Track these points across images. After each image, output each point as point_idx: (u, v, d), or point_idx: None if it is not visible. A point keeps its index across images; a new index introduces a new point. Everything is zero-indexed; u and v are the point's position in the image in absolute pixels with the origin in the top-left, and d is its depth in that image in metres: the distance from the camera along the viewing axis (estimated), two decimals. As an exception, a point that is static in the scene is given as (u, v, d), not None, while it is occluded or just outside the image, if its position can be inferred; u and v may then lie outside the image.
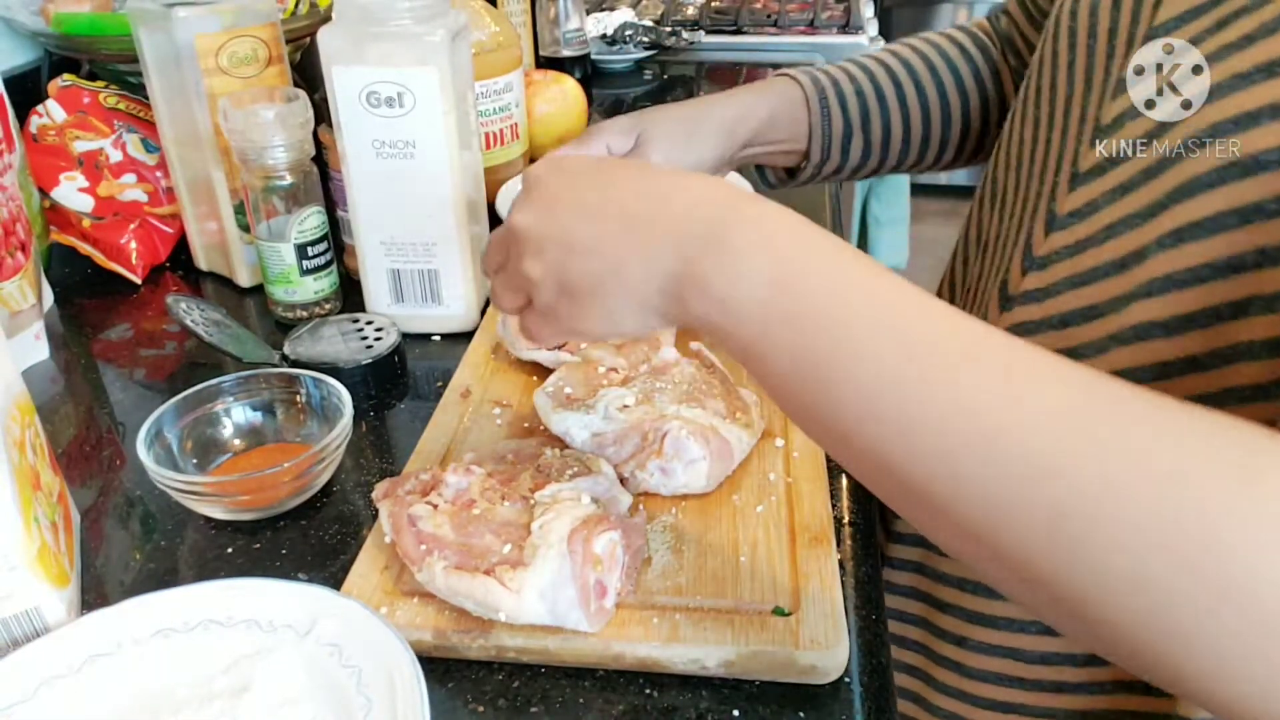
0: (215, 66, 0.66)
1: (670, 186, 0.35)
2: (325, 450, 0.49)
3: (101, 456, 0.57)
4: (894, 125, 0.63)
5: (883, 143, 0.64)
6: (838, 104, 0.63)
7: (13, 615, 0.40)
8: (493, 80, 0.85)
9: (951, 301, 0.58)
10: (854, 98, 0.63)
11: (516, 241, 0.37)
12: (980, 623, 0.51)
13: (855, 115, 0.63)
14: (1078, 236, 0.42)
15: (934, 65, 0.64)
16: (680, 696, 0.39)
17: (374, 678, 0.37)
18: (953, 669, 0.53)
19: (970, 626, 0.51)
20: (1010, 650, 0.50)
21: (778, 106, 0.62)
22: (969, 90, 0.64)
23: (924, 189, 2.90)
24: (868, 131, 0.63)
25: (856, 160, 0.64)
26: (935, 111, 0.64)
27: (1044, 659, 0.49)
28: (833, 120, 0.63)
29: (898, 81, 0.63)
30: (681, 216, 0.33)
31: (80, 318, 0.72)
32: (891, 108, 0.63)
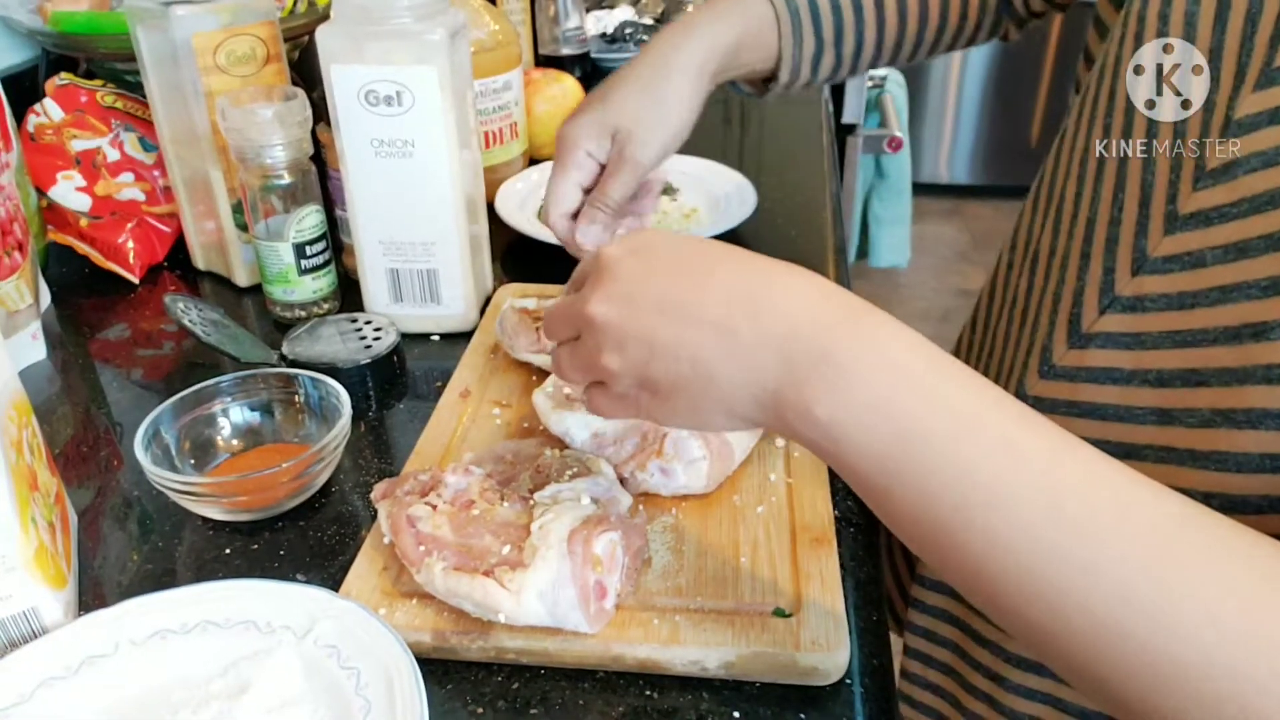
0: (213, 65, 0.66)
1: (767, 290, 0.32)
2: (324, 451, 0.49)
3: (99, 457, 0.57)
4: (867, 36, 0.61)
5: (854, 54, 0.62)
6: (811, 25, 0.60)
7: (10, 616, 0.40)
8: (492, 79, 0.84)
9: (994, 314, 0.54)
10: (829, 15, 0.60)
11: (593, 331, 0.35)
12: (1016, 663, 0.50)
13: (829, 34, 0.60)
14: (1180, 288, 0.38)
15: None
16: (680, 698, 0.39)
17: (372, 679, 0.37)
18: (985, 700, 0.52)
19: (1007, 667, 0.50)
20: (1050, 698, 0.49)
21: (744, 32, 0.59)
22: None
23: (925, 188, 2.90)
24: (840, 47, 0.61)
25: (826, 74, 0.63)
26: (914, 15, 0.61)
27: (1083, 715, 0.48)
28: (804, 43, 0.60)
29: None
30: (783, 333, 0.31)
31: (78, 317, 0.72)
32: (868, 18, 0.61)
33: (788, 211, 0.84)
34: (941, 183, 3.05)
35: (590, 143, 0.56)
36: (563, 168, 0.56)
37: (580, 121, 0.56)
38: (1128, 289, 0.40)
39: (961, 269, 2.67)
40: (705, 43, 0.57)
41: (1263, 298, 0.34)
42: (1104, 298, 0.41)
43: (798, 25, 0.60)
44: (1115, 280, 0.41)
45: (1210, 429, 0.37)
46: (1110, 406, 0.41)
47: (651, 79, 0.57)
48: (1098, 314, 0.42)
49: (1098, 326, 0.42)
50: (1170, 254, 0.38)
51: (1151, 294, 0.39)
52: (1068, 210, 0.46)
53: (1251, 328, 0.35)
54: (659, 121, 0.56)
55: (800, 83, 0.63)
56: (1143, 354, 0.40)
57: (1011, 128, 2.94)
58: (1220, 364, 0.36)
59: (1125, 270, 0.40)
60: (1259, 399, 0.35)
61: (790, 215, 0.84)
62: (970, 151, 3.02)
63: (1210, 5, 0.37)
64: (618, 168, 0.55)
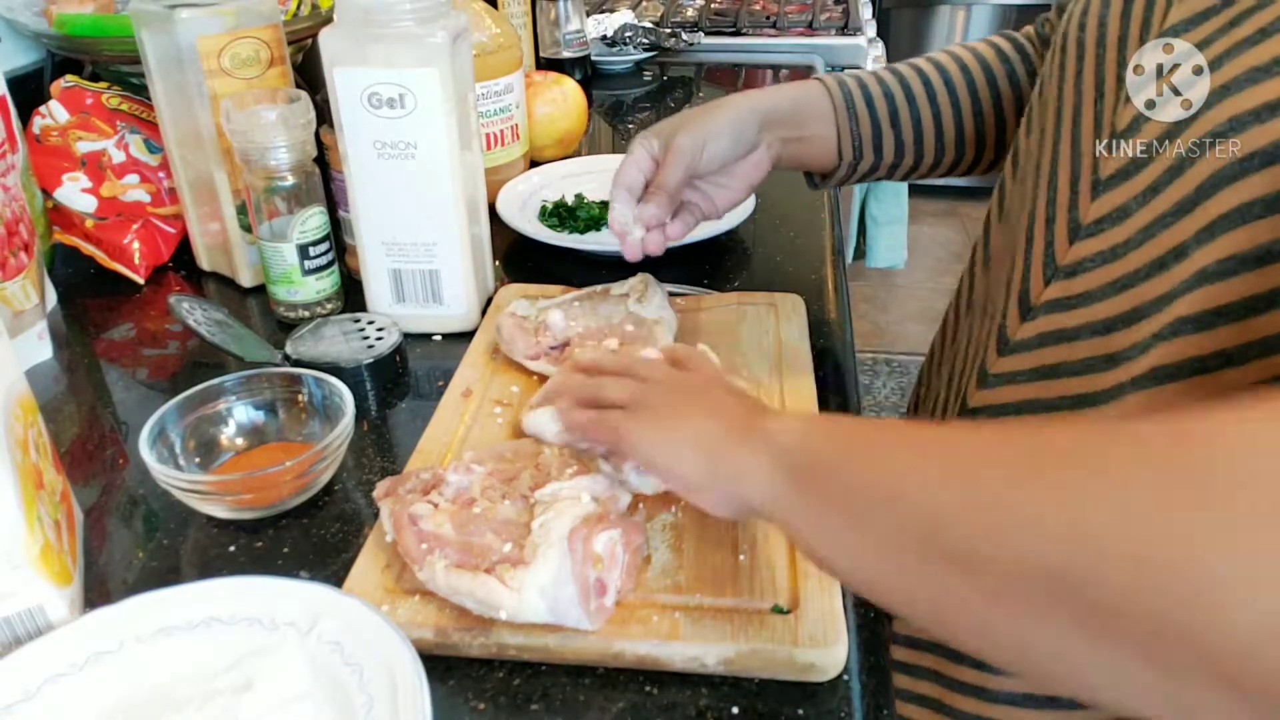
0: (217, 68, 0.67)
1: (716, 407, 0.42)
2: (327, 449, 0.49)
3: (104, 456, 0.57)
4: (924, 123, 0.64)
5: (915, 139, 0.64)
6: (864, 103, 0.63)
7: (16, 613, 0.41)
8: (493, 81, 0.85)
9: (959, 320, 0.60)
10: (881, 100, 0.64)
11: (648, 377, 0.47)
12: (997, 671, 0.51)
13: (884, 114, 0.63)
14: (1112, 242, 0.42)
15: (965, 64, 0.65)
16: (680, 694, 0.40)
17: (375, 675, 0.37)
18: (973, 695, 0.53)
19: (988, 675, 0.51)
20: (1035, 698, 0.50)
21: (799, 97, 0.64)
22: (1002, 91, 0.64)
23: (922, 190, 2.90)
24: (898, 130, 0.64)
25: (890, 158, 0.65)
26: (967, 109, 0.64)
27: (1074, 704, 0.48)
28: (859, 118, 0.63)
29: (927, 80, 0.64)
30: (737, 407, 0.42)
31: (83, 317, 0.73)
32: (921, 105, 0.64)
33: (786, 213, 0.84)
34: (938, 184, 3.06)
35: (646, 142, 0.62)
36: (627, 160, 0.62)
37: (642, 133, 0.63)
38: (1067, 257, 0.45)
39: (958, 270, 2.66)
40: (760, 97, 0.63)
41: (1176, 222, 0.39)
42: (1047, 270, 0.46)
43: (850, 101, 0.63)
44: (1055, 253, 0.46)
45: (1147, 353, 0.41)
46: (1063, 364, 0.45)
47: (704, 106, 0.63)
48: (1043, 285, 0.46)
49: (1044, 297, 0.46)
50: (1100, 215, 0.43)
51: (1088, 255, 0.44)
52: (1012, 209, 0.52)
53: (1172, 251, 0.39)
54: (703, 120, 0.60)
55: (866, 164, 0.65)
56: (1085, 310, 0.44)
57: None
58: (1154, 294, 0.40)
59: (1063, 241, 0.45)
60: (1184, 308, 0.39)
61: (788, 216, 0.84)
62: (969, 153, 3.02)
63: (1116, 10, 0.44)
64: (666, 158, 0.61)
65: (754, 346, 0.62)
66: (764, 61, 1.42)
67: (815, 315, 0.66)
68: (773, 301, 0.67)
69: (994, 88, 0.64)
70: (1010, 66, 0.64)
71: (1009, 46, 0.65)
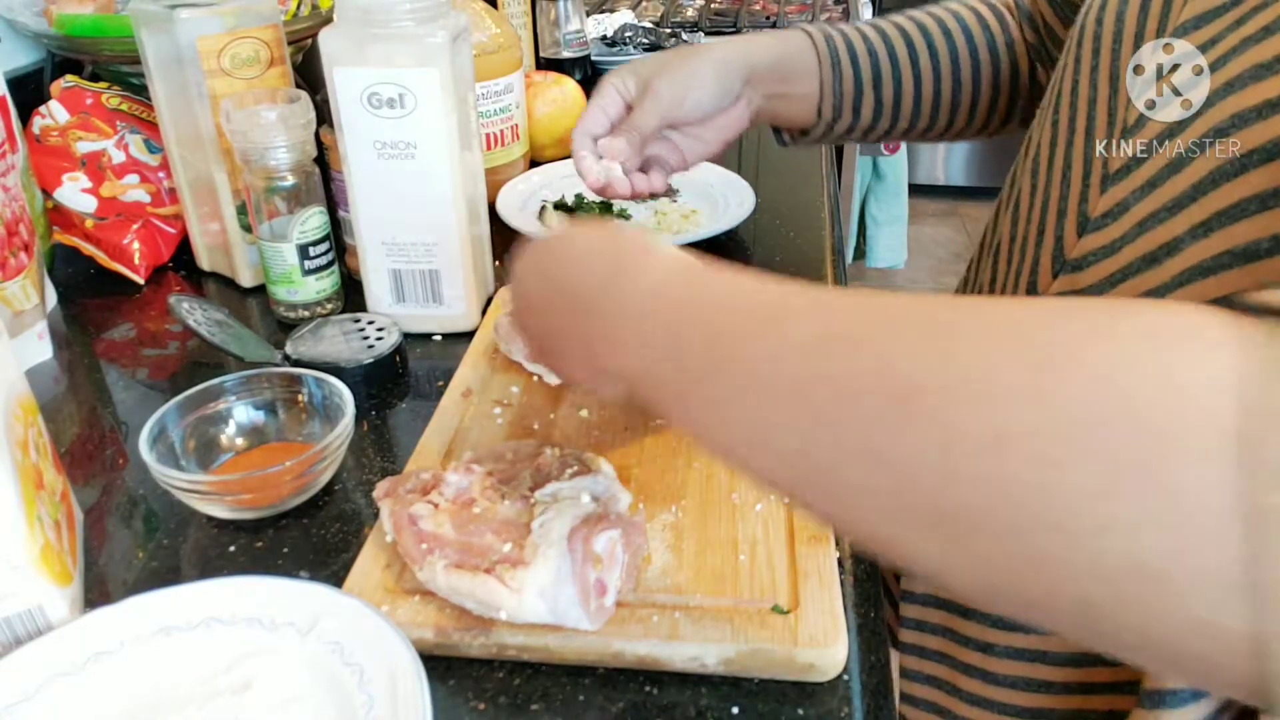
0: (217, 68, 0.67)
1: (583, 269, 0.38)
2: (327, 449, 0.49)
3: (104, 455, 0.57)
4: (905, 86, 0.62)
5: (894, 102, 0.63)
6: (848, 59, 0.61)
7: (15, 614, 0.40)
8: (493, 81, 0.85)
9: None
10: (866, 58, 0.62)
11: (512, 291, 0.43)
12: (1005, 626, 0.50)
13: (866, 73, 0.62)
14: (1112, 237, 0.42)
15: (949, 29, 0.63)
16: (680, 694, 0.40)
17: (375, 676, 0.37)
18: (979, 677, 0.53)
19: (996, 631, 0.51)
20: (1037, 654, 0.49)
21: (786, 49, 0.61)
22: (982, 59, 0.63)
23: (922, 189, 2.90)
24: (879, 90, 0.62)
25: (868, 120, 0.63)
26: (947, 75, 0.63)
27: (1072, 660, 0.48)
28: (843, 76, 0.61)
29: (911, 43, 0.62)
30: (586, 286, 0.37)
31: (83, 318, 0.73)
32: (904, 70, 0.62)
33: (786, 212, 0.84)
34: (938, 184, 3.06)
35: (619, 81, 0.59)
36: (594, 98, 0.59)
37: (618, 69, 0.60)
38: (1075, 251, 0.44)
39: (958, 269, 2.67)
40: (742, 48, 0.60)
41: (1169, 218, 0.39)
42: (1055, 264, 0.46)
43: (835, 57, 0.61)
44: (1064, 246, 0.45)
45: None
46: None
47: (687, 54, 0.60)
48: (1051, 279, 0.46)
49: (1053, 289, 0.46)
50: (1105, 210, 0.43)
51: (1092, 250, 0.43)
52: (1024, 200, 0.51)
53: (1165, 247, 0.39)
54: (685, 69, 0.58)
55: (843, 124, 0.63)
56: None
57: (1009, 130, 2.94)
58: (1145, 288, 0.40)
59: (1072, 235, 0.45)
60: None
61: (788, 216, 0.84)
62: (966, 153, 3.03)
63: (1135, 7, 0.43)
64: (642, 100, 0.58)
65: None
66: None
67: (815, 315, 0.66)
68: (773, 301, 0.66)
69: (975, 56, 0.63)
70: (990, 36, 0.63)
71: (990, 15, 0.64)
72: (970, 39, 0.63)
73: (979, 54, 0.63)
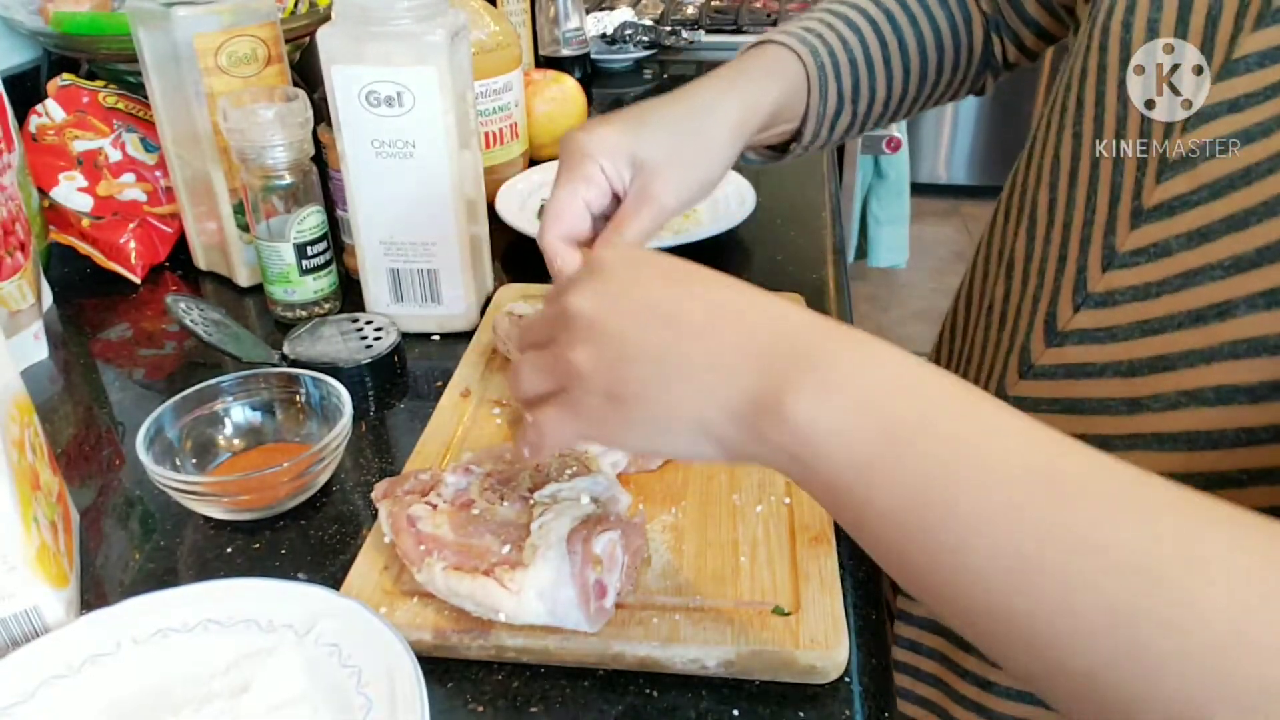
0: (214, 66, 0.66)
1: (752, 303, 0.32)
2: (325, 450, 0.49)
3: (101, 456, 0.57)
4: (879, 94, 0.61)
5: (865, 114, 0.61)
6: (834, 81, 0.58)
7: (12, 615, 0.40)
8: (492, 80, 0.85)
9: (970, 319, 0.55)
10: (847, 70, 0.59)
11: (569, 325, 0.33)
12: None
13: (848, 90, 0.59)
14: (1146, 279, 0.39)
15: (914, 16, 0.60)
16: (680, 696, 0.39)
17: (373, 678, 0.37)
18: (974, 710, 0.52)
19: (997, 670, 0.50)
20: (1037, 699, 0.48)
21: (783, 95, 0.56)
22: (945, 46, 0.61)
23: (924, 189, 2.90)
24: (855, 104, 0.60)
25: (840, 135, 0.61)
26: (915, 71, 0.61)
27: None
28: (829, 100, 0.59)
29: (884, 41, 0.59)
30: (765, 338, 0.30)
31: (79, 317, 0.72)
32: (879, 77, 0.60)
33: (787, 212, 0.84)
34: (940, 183, 3.06)
35: (607, 160, 0.48)
36: (570, 179, 0.48)
37: (600, 134, 0.48)
38: (1099, 285, 0.42)
39: (959, 269, 2.66)
40: (749, 100, 0.53)
41: (1225, 278, 0.36)
42: (1077, 295, 0.43)
43: (824, 82, 0.57)
44: (1088, 278, 0.42)
45: (1177, 410, 0.38)
46: (1084, 400, 0.42)
47: (689, 119, 0.51)
48: (1072, 312, 0.43)
49: (1072, 324, 0.43)
50: (1137, 247, 0.40)
51: (1120, 288, 0.41)
52: (1042, 217, 0.47)
53: (1215, 308, 0.36)
54: (691, 164, 0.50)
55: (817, 143, 0.61)
56: (1113, 346, 0.41)
57: (1009, 129, 2.94)
58: (1185, 347, 0.37)
59: (1096, 268, 0.42)
60: (1226, 375, 0.36)
61: (789, 215, 0.84)
62: (968, 152, 3.03)
63: (1172, 10, 0.39)
64: (639, 205, 0.48)
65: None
66: (763, 60, 1.42)
67: (816, 315, 0.66)
68: (773, 301, 0.66)
69: (939, 44, 0.61)
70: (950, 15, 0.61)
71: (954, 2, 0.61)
72: (933, 21, 0.60)
73: (942, 37, 0.61)
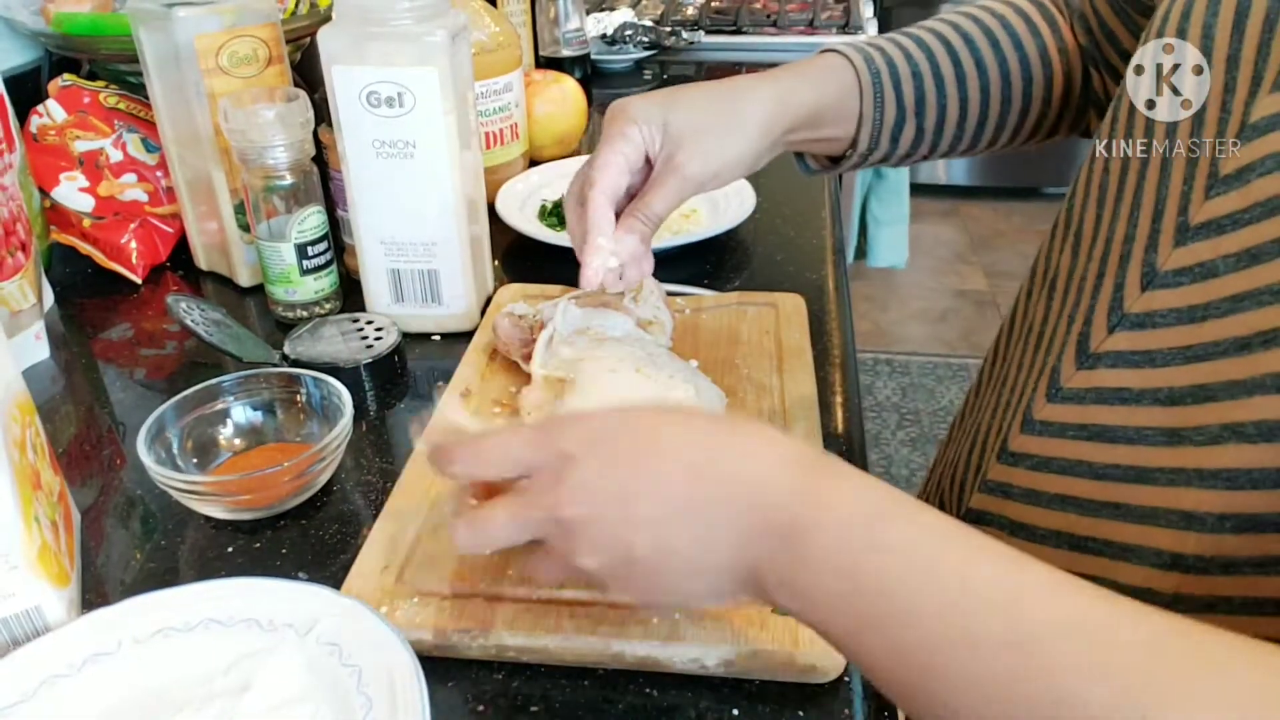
0: (215, 66, 0.67)
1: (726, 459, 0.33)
2: (325, 450, 0.49)
3: (102, 456, 0.57)
4: (950, 111, 0.57)
5: (936, 129, 0.57)
6: (893, 89, 0.56)
7: (13, 615, 0.40)
8: (493, 80, 0.85)
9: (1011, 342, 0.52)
10: (909, 81, 0.56)
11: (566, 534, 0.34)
12: None
13: (910, 101, 0.56)
14: (1190, 301, 0.37)
15: (997, 41, 0.57)
16: (680, 696, 0.39)
17: (374, 677, 0.37)
18: None
19: None
20: None
21: (826, 95, 0.55)
22: (1034, 70, 0.57)
23: (924, 189, 2.90)
24: (921, 118, 0.57)
25: (905, 149, 0.58)
26: (995, 94, 0.57)
27: None
28: (886, 108, 0.56)
29: (957, 60, 0.56)
30: (747, 507, 0.32)
31: (80, 317, 0.72)
32: (949, 93, 0.56)
33: (786, 212, 0.84)
34: (940, 183, 3.05)
35: (644, 123, 0.50)
36: (611, 138, 0.50)
37: (639, 101, 0.51)
38: (1136, 305, 0.39)
39: (959, 270, 2.67)
40: (786, 92, 0.53)
41: (1275, 303, 0.34)
42: (1113, 316, 0.41)
43: (879, 89, 0.55)
44: (1124, 297, 0.40)
45: (1219, 445, 0.36)
46: (1119, 428, 0.40)
47: (722, 99, 0.52)
48: (1106, 333, 0.41)
49: (1106, 346, 0.41)
50: (1180, 266, 0.38)
51: (1160, 309, 0.38)
52: (1087, 232, 0.45)
53: (1263, 335, 0.34)
54: (719, 138, 0.51)
55: (878, 155, 0.58)
56: (1152, 372, 0.39)
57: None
58: (1228, 377, 0.35)
59: (1135, 286, 0.40)
60: (1270, 409, 0.34)
61: (789, 216, 0.84)
62: (970, 152, 3.02)
63: (1229, 14, 0.37)
64: (665, 176, 0.50)
65: (754, 346, 0.62)
66: (764, 60, 1.42)
67: (816, 315, 0.66)
68: (773, 301, 0.66)
69: (1025, 68, 0.56)
70: (1041, 42, 0.57)
71: (1039, 17, 0.57)
72: (1020, 48, 0.57)
73: (1030, 65, 0.57)
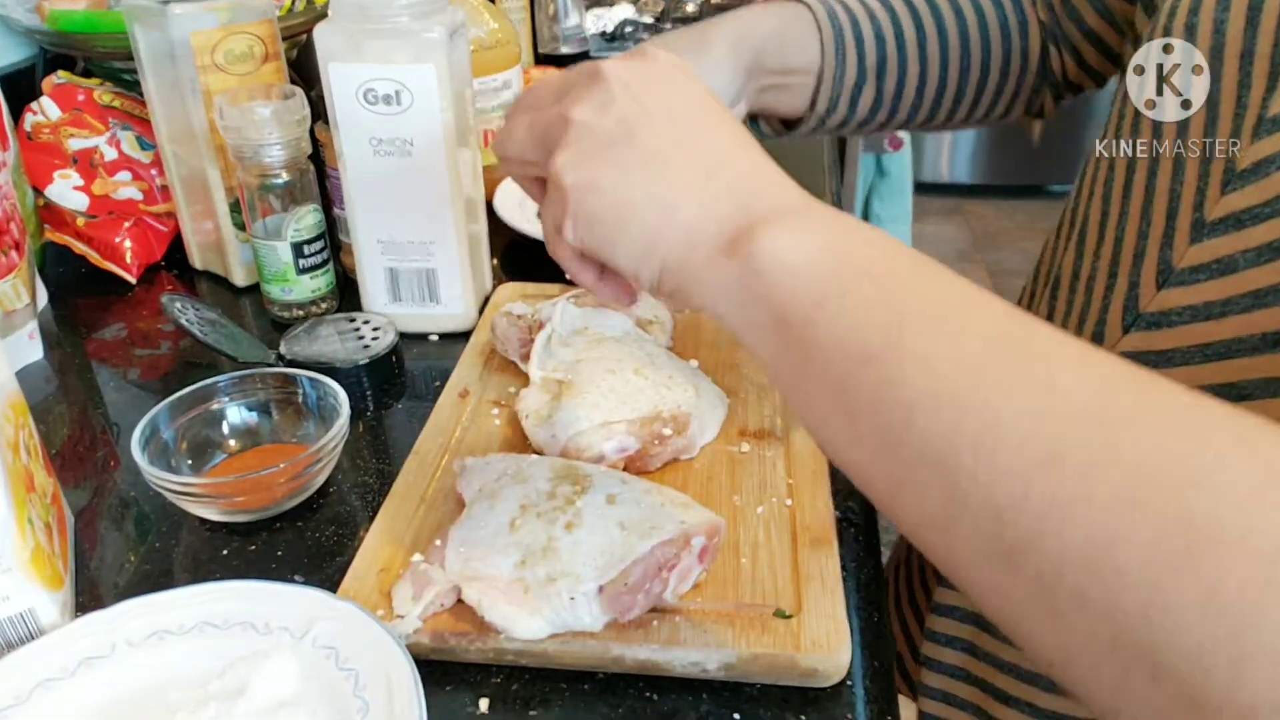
0: (211, 63, 0.66)
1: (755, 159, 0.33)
2: (322, 451, 0.49)
3: (96, 457, 0.56)
4: (910, 75, 0.57)
5: (895, 94, 0.57)
6: (853, 42, 0.56)
7: (6, 618, 0.40)
8: (491, 77, 0.84)
9: None
10: (872, 39, 0.56)
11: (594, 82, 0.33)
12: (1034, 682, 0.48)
13: (871, 60, 0.56)
14: (1207, 297, 0.36)
15: (959, 6, 0.57)
16: (680, 699, 0.39)
17: (371, 680, 0.37)
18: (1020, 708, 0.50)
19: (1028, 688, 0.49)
20: None
21: (787, 25, 0.56)
22: (993, 41, 0.57)
23: (927, 187, 2.90)
24: (881, 80, 0.56)
25: (864, 114, 0.58)
26: (955, 61, 0.57)
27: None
28: (846, 63, 0.56)
29: (919, 21, 0.56)
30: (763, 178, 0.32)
31: (74, 317, 0.72)
32: (910, 55, 0.56)
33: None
34: (942, 181, 3.06)
35: None
36: None
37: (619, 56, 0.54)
38: (1152, 305, 0.39)
39: (962, 268, 2.67)
40: (746, 24, 0.55)
41: None
42: (1127, 316, 0.40)
43: (840, 41, 0.55)
44: (1139, 297, 0.40)
45: None
46: None
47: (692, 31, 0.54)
48: (1121, 333, 0.40)
49: (1120, 346, 0.40)
50: (1198, 263, 0.37)
51: (1177, 308, 0.38)
52: (1092, 231, 0.45)
53: None
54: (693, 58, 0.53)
55: (836, 117, 0.58)
56: (1170, 371, 0.37)
57: (1013, 127, 2.93)
58: (1263, 374, 0.35)
59: (1150, 285, 0.39)
60: None
61: (790, 214, 0.83)
62: (971, 150, 3.02)
63: (1240, 10, 0.36)
64: None
65: (754, 345, 0.61)
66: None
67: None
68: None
69: (985, 38, 0.57)
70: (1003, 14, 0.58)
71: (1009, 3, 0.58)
72: (982, 17, 0.57)
73: (990, 35, 0.57)
